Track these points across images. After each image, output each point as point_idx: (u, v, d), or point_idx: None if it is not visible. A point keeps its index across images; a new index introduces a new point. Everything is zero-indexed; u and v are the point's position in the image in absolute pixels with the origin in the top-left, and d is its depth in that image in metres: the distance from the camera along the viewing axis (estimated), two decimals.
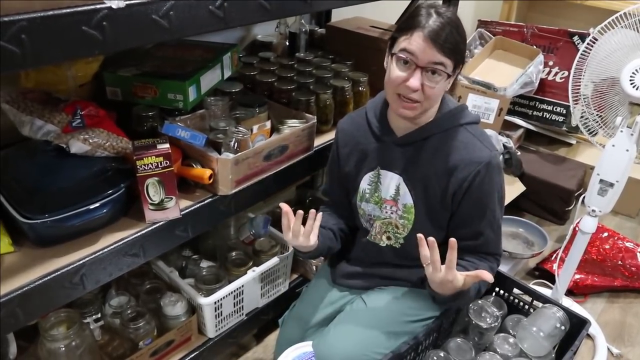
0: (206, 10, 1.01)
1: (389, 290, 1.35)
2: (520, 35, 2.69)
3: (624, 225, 2.57)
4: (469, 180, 1.17)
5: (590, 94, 1.65)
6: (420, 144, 1.22)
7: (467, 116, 1.23)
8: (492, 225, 1.24)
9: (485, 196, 1.21)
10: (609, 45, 1.57)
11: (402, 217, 1.27)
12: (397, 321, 1.30)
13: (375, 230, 1.32)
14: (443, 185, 1.21)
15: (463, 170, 1.17)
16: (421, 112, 1.16)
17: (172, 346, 1.48)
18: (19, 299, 0.99)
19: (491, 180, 1.19)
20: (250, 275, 1.56)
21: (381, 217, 1.30)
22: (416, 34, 1.07)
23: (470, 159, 1.17)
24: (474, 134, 1.21)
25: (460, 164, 1.18)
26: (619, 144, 1.55)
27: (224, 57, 1.53)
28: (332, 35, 2.01)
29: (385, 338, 1.27)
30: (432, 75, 1.09)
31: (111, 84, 1.39)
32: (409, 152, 1.23)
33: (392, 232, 1.30)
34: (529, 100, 2.66)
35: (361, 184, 1.32)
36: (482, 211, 1.22)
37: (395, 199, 1.27)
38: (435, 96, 1.13)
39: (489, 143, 1.21)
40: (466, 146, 1.19)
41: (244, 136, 1.32)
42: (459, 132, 1.20)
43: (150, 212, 1.19)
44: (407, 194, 1.25)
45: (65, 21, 0.82)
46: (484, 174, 1.17)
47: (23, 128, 1.17)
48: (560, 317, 1.38)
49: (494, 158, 1.19)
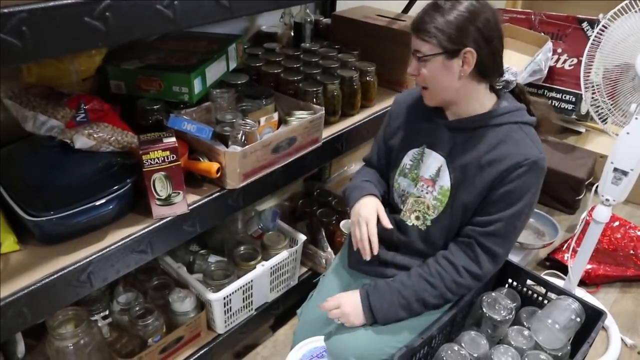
0: (212, 0, 0.98)
1: None
2: (528, 22, 2.64)
3: (635, 213, 2.53)
4: (509, 171, 1.15)
5: (602, 81, 1.61)
6: (470, 132, 1.22)
7: (524, 116, 1.22)
8: (507, 222, 1.19)
9: (515, 192, 1.16)
10: (622, 30, 1.53)
11: (435, 199, 1.25)
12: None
13: (406, 207, 1.30)
14: (484, 174, 1.18)
15: (507, 162, 1.15)
16: (436, 100, 1.20)
17: (182, 342, 1.46)
18: (25, 298, 0.97)
19: (529, 179, 1.16)
20: (259, 269, 1.55)
21: (415, 195, 1.29)
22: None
23: (518, 153, 1.16)
24: (527, 134, 1.19)
25: (506, 156, 1.16)
26: (634, 131, 1.52)
27: (229, 49, 1.50)
28: (337, 25, 1.98)
29: (399, 332, 1.25)
30: (420, 61, 1.14)
31: (115, 78, 1.36)
32: (457, 137, 1.23)
33: (422, 212, 1.28)
34: (537, 89, 2.62)
35: (404, 159, 1.31)
36: (506, 205, 1.17)
37: (434, 180, 1.26)
38: (432, 80, 1.15)
39: (540, 146, 1.19)
40: (517, 142, 1.17)
41: (251, 128, 1.30)
42: (513, 129, 1.19)
43: (157, 207, 1.17)
44: (447, 176, 1.24)
45: (66, 12, 0.80)
46: (526, 170, 1.14)
47: (26, 124, 1.15)
48: (575, 308, 1.35)
49: (541, 160, 1.16)
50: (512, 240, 1.25)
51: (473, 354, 1.27)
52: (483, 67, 1.14)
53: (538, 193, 1.21)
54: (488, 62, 1.14)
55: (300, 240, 1.67)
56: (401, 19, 1.92)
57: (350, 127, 1.65)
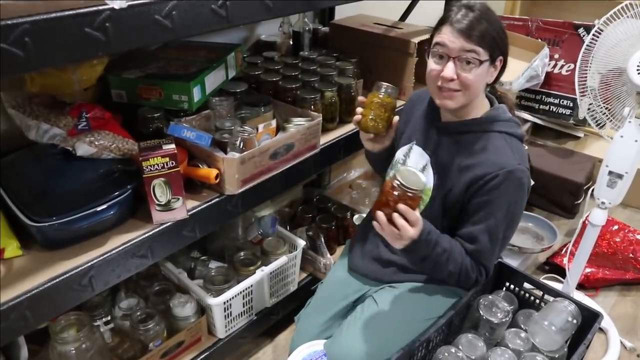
0: (209, 10, 1.01)
1: (400, 289, 1.35)
2: (525, 29, 2.67)
3: (634, 217, 2.54)
4: (485, 180, 1.17)
5: (597, 86, 1.63)
6: (456, 136, 1.25)
7: (511, 127, 1.24)
8: (490, 235, 1.21)
9: (493, 202, 1.18)
10: (615, 36, 1.55)
11: None
12: (410, 320, 1.30)
13: None
14: (461, 178, 1.21)
15: (483, 169, 1.18)
16: (464, 103, 1.19)
17: (182, 347, 1.48)
18: (28, 302, 0.99)
19: (506, 189, 1.17)
20: (259, 274, 1.56)
21: None
22: (445, 28, 1.14)
23: (495, 161, 1.18)
24: (509, 144, 1.21)
25: (484, 162, 1.18)
26: (628, 134, 1.54)
27: (228, 57, 1.53)
28: (336, 34, 2.01)
29: (398, 338, 1.26)
30: (465, 64, 1.13)
31: (116, 87, 1.39)
32: (443, 139, 1.27)
33: None
34: (535, 94, 2.65)
35: (398, 153, 1.36)
36: (485, 216, 1.19)
37: None
38: (474, 85, 1.15)
39: (520, 156, 1.21)
40: (496, 150, 1.20)
41: (249, 135, 1.32)
42: (496, 137, 1.22)
43: (157, 213, 1.19)
44: (431, 176, 1.27)
45: (68, 23, 0.82)
46: (502, 180, 1.16)
47: (29, 132, 1.18)
48: (572, 310, 1.36)
49: (518, 170, 1.17)
50: (497, 253, 1.27)
51: (470, 356, 1.28)
52: (499, 74, 1.20)
53: (520, 204, 1.23)
54: (503, 69, 1.21)
55: (299, 246, 1.69)
56: (398, 26, 1.94)
57: (348, 133, 1.67)
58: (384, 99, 1.26)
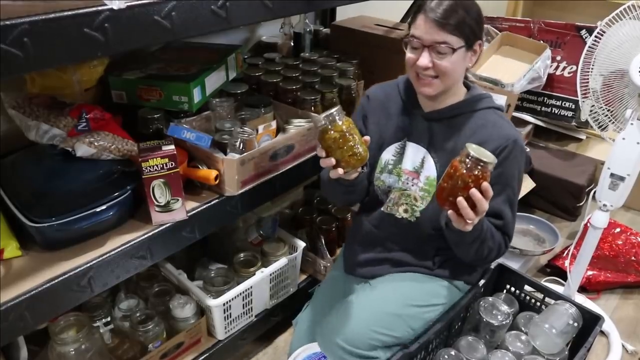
0: (208, 10, 1.01)
1: (396, 275, 1.35)
2: (527, 30, 2.66)
3: (636, 220, 2.53)
4: (496, 154, 1.17)
5: (599, 88, 1.63)
6: (448, 121, 1.26)
7: (493, 102, 1.29)
8: (511, 205, 1.25)
9: (508, 172, 1.23)
10: (617, 37, 1.55)
11: (422, 190, 1.28)
12: (400, 303, 1.29)
13: (393, 201, 1.31)
14: None
15: (491, 144, 1.20)
16: (443, 90, 1.20)
17: (182, 348, 1.48)
18: (27, 302, 0.99)
19: (515, 158, 1.22)
20: (258, 276, 1.56)
21: (401, 188, 1.30)
22: (419, 18, 1.16)
23: (499, 134, 1.22)
24: (500, 117, 1.27)
25: (489, 138, 1.21)
26: (630, 136, 1.53)
27: (229, 59, 1.53)
28: (336, 35, 2.01)
29: (386, 318, 1.27)
30: (440, 53, 1.14)
31: (116, 88, 1.39)
32: (437, 127, 1.27)
33: (410, 204, 1.29)
34: (537, 96, 2.64)
35: (384, 155, 1.32)
36: (503, 186, 1.23)
37: (418, 171, 1.28)
38: (451, 71, 1.16)
39: (513, 126, 1.27)
40: (494, 124, 1.24)
41: (249, 136, 1.32)
42: (488, 113, 1.26)
43: (156, 213, 1.19)
44: (432, 167, 1.27)
45: (67, 23, 0.82)
46: (511, 150, 1.21)
47: (29, 133, 1.18)
48: (572, 313, 1.36)
49: (520, 138, 1.23)
50: (515, 219, 1.29)
51: (470, 358, 1.28)
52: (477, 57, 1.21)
53: (523, 166, 1.27)
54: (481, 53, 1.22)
55: (299, 247, 1.69)
56: (399, 28, 1.94)
57: None
58: (340, 128, 1.09)
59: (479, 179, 1.03)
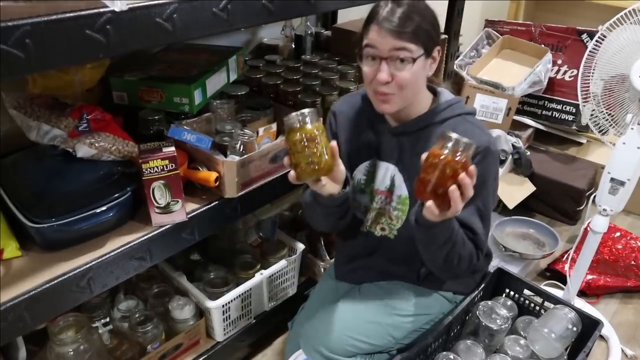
0: (210, 13, 1.01)
1: (383, 284, 1.35)
2: (528, 34, 2.67)
3: (636, 224, 2.53)
4: None
5: (600, 92, 1.63)
6: (417, 134, 1.20)
7: (465, 108, 1.22)
8: (481, 216, 1.19)
9: (478, 181, 1.13)
10: (618, 42, 1.55)
11: (395, 209, 1.26)
12: (382, 312, 1.29)
13: (370, 221, 1.31)
14: None
15: None
16: (403, 104, 1.14)
17: (181, 350, 1.48)
18: (26, 302, 0.99)
19: (488, 166, 1.16)
20: (258, 278, 1.56)
21: (375, 208, 1.29)
22: (372, 27, 1.07)
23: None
24: (473, 123, 1.20)
25: None
26: (630, 141, 1.53)
27: (230, 61, 1.53)
28: (338, 37, 2.00)
29: (366, 326, 1.27)
30: (399, 63, 1.07)
31: (117, 89, 1.39)
32: (405, 142, 1.22)
33: (386, 223, 1.29)
34: (538, 100, 2.64)
35: (356, 174, 1.29)
36: (473, 197, 1.12)
37: (391, 190, 1.25)
38: (410, 83, 1.09)
39: (487, 131, 1.21)
40: (466, 133, 1.14)
41: (249, 138, 1.32)
42: (457, 122, 1.19)
43: (156, 215, 1.19)
44: (402, 185, 1.23)
45: (68, 25, 0.83)
46: (481, 159, 1.14)
47: (30, 133, 1.18)
48: (572, 318, 1.36)
49: (492, 145, 1.17)
50: (487, 231, 1.24)
51: None
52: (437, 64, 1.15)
53: (497, 174, 1.22)
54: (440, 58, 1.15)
55: (299, 249, 1.69)
56: None
57: None
58: (307, 131, 1.03)
59: (466, 164, 1.00)
